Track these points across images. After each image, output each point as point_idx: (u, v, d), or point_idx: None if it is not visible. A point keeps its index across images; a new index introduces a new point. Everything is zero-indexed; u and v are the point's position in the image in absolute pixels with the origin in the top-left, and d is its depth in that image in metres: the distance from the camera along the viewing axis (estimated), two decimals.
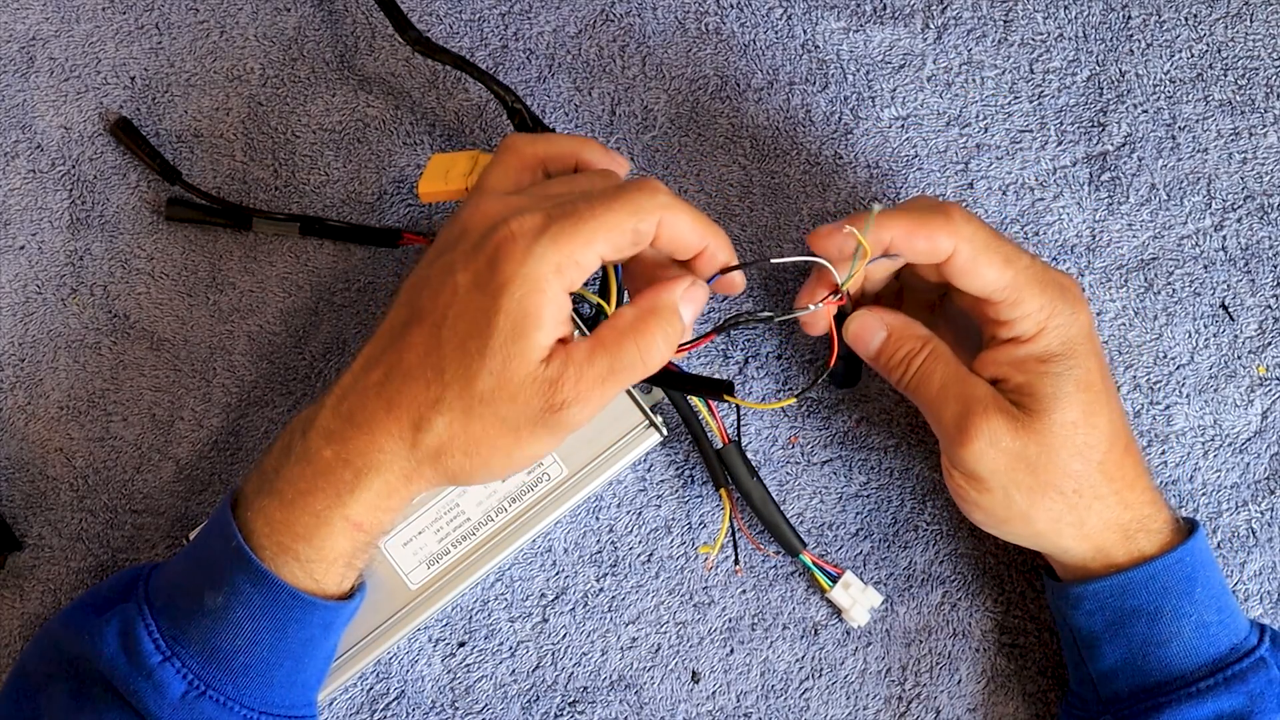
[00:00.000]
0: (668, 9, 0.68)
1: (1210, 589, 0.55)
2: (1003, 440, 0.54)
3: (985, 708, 0.62)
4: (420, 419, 0.49)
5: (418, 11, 0.68)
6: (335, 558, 0.52)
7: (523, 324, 0.47)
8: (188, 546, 0.55)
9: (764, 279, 0.66)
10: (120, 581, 0.56)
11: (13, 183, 0.67)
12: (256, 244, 0.66)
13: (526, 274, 0.47)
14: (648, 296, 0.51)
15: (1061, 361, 0.54)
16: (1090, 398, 0.54)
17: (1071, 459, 0.54)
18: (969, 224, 0.53)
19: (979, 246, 0.53)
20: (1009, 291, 0.53)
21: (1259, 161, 0.67)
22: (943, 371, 0.56)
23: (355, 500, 0.50)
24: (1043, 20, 0.69)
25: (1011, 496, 0.55)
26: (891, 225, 0.53)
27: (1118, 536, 0.56)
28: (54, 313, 0.66)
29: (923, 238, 0.53)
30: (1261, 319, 0.66)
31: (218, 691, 0.51)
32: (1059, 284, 0.54)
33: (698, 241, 0.50)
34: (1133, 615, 0.55)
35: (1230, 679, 0.54)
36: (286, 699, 0.53)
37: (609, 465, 0.61)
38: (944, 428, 0.56)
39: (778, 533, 0.62)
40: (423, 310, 0.49)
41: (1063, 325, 0.54)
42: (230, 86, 0.68)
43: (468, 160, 0.59)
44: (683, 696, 0.63)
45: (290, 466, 0.51)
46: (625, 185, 0.49)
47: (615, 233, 0.48)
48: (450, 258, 0.49)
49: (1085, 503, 0.55)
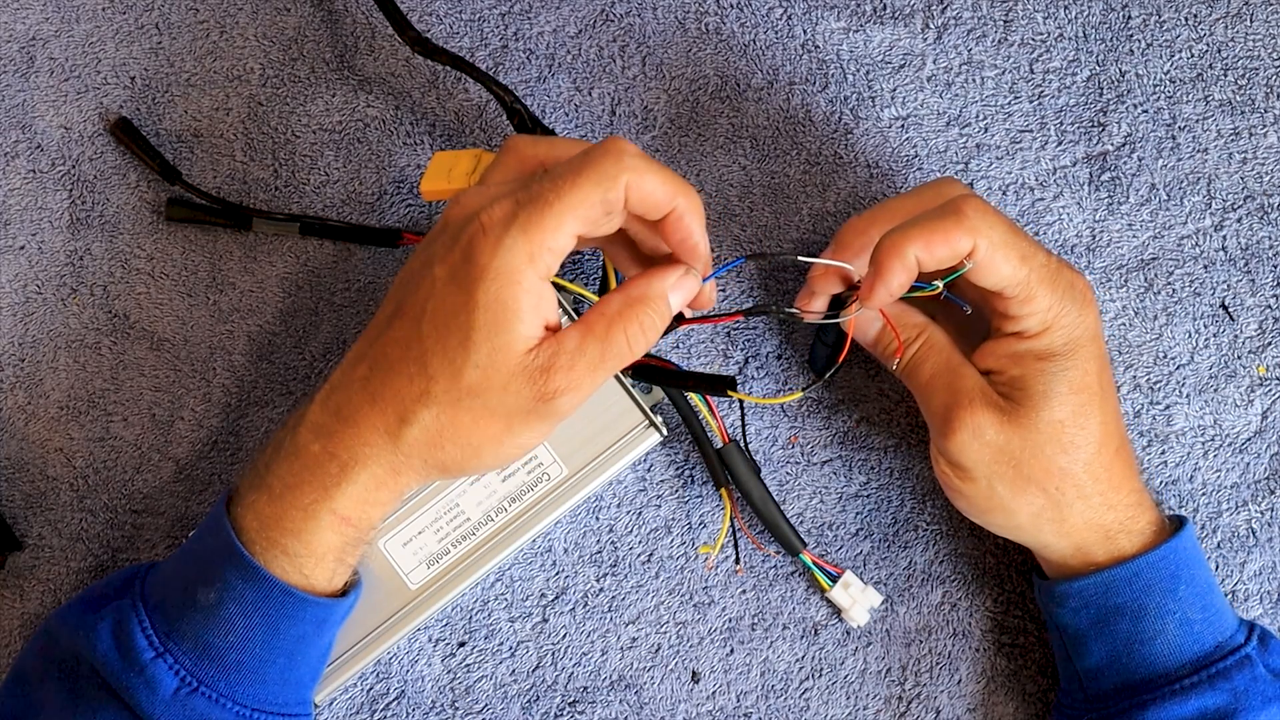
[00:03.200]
0: (668, 9, 0.68)
1: (1195, 587, 0.56)
2: (987, 433, 0.54)
3: (985, 708, 0.62)
4: (405, 412, 0.49)
5: (418, 11, 0.68)
6: (324, 552, 0.52)
7: (502, 316, 0.47)
8: (184, 544, 0.55)
9: (763, 279, 0.66)
10: (117, 579, 0.56)
11: (13, 183, 0.67)
12: (256, 244, 0.66)
13: (499, 266, 0.47)
14: (637, 284, 0.50)
15: (1059, 361, 0.54)
16: (1083, 399, 0.54)
17: (1056, 457, 0.54)
18: (984, 218, 0.52)
19: (996, 242, 0.52)
20: (1021, 288, 0.53)
21: (1259, 161, 0.67)
22: (935, 360, 0.57)
23: (342, 494, 0.50)
24: (1043, 20, 0.69)
25: (994, 488, 0.55)
26: (910, 244, 0.51)
27: (1098, 536, 0.56)
28: (54, 313, 0.66)
29: (941, 244, 0.51)
30: (1261, 319, 0.66)
31: (210, 688, 0.51)
32: (1070, 283, 0.54)
33: (665, 201, 0.49)
34: (1117, 612, 0.55)
35: (1214, 676, 0.54)
36: (280, 696, 0.53)
37: (609, 465, 0.61)
38: (931, 416, 0.57)
39: (778, 532, 0.62)
40: (404, 305, 0.49)
41: (1068, 326, 0.54)
42: (230, 86, 0.68)
43: (471, 159, 0.59)
44: (683, 696, 0.63)
45: (280, 462, 0.51)
46: (588, 153, 0.48)
47: (584, 208, 0.47)
48: (430, 252, 0.49)
49: (1067, 500, 0.55)
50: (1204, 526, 0.64)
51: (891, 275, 0.51)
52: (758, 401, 0.64)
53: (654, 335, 0.50)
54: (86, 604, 0.54)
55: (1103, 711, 0.56)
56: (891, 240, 0.52)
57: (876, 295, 0.52)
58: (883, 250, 0.52)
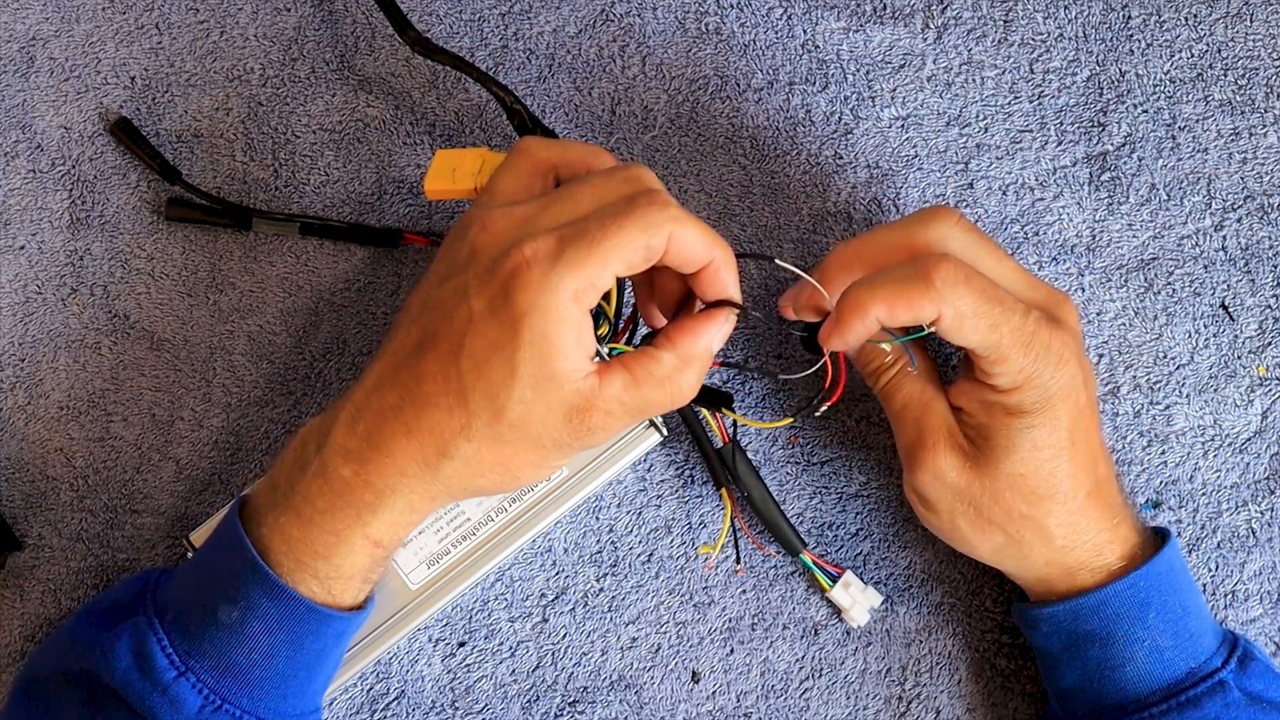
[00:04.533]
0: (668, 9, 0.68)
1: (1167, 613, 0.55)
2: (949, 475, 0.55)
3: (985, 708, 0.62)
4: (444, 446, 0.48)
5: (418, 11, 0.68)
6: (354, 574, 0.52)
7: (548, 353, 0.47)
8: (196, 557, 0.55)
9: (760, 286, 0.66)
10: (126, 592, 0.55)
11: (13, 183, 0.67)
12: (256, 244, 0.66)
13: (546, 305, 0.46)
14: (687, 343, 0.51)
15: (1027, 419, 0.53)
16: (1049, 454, 0.54)
17: (1017, 504, 0.55)
18: (953, 289, 0.51)
19: (965, 312, 0.51)
20: (992, 351, 0.52)
21: (1259, 161, 0.67)
22: (907, 391, 0.57)
23: (377, 519, 0.50)
24: (1043, 20, 0.69)
25: (956, 523, 0.56)
26: (872, 304, 0.52)
27: (1058, 573, 0.56)
28: (54, 313, 0.66)
29: (903, 309, 0.51)
30: (1261, 319, 0.66)
31: (234, 705, 0.51)
32: (1046, 344, 0.53)
33: (704, 255, 0.50)
34: (1086, 639, 0.55)
35: (1184, 704, 0.54)
36: (298, 707, 0.54)
37: (609, 465, 0.61)
38: (900, 446, 0.58)
39: (778, 532, 0.62)
40: (436, 335, 0.48)
41: (1040, 386, 0.53)
42: (230, 86, 0.68)
43: (475, 158, 0.58)
44: (683, 696, 0.63)
45: (306, 483, 0.51)
46: (634, 200, 0.48)
47: (628, 251, 0.47)
48: (462, 280, 0.48)
49: (1027, 542, 0.55)
50: (1204, 526, 0.64)
51: (849, 330, 0.53)
52: (753, 425, 0.64)
53: (698, 388, 0.51)
54: (98, 618, 0.54)
55: None
56: (856, 295, 0.52)
57: (832, 343, 0.54)
58: (846, 304, 0.53)
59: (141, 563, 0.63)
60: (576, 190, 0.50)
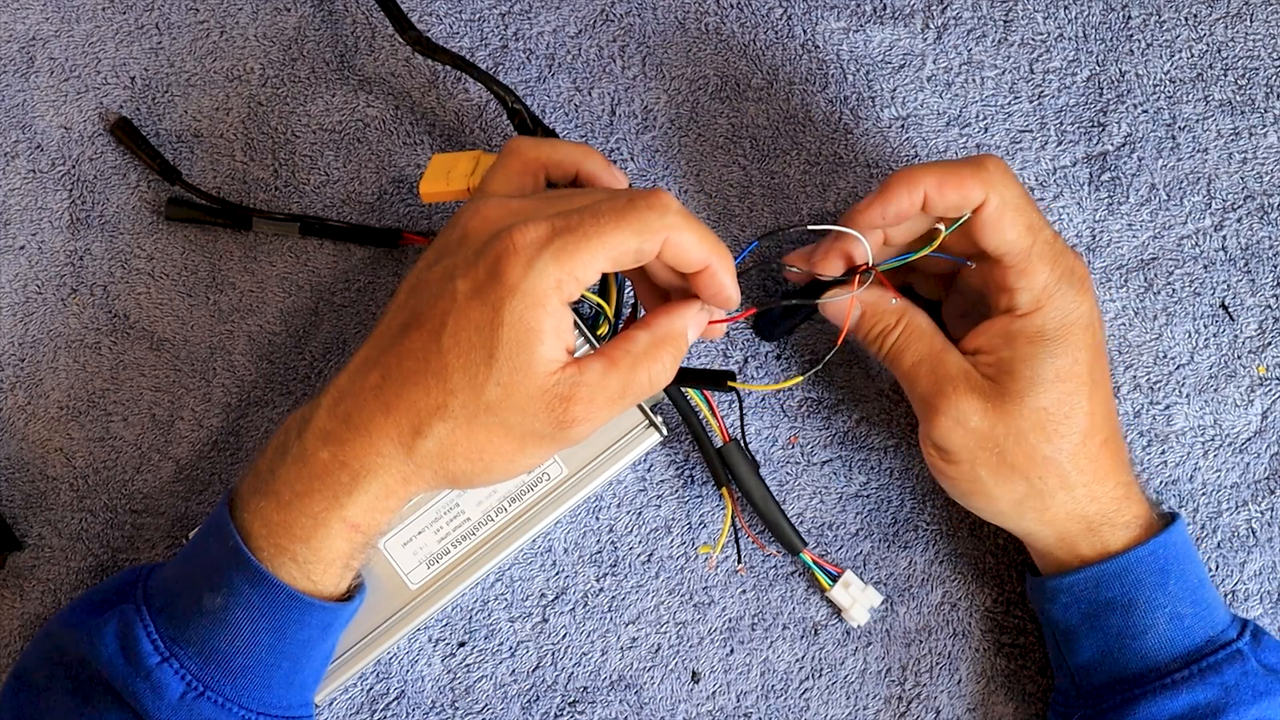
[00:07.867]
0: (668, 9, 0.68)
1: (1185, 582, 0.56)
2: (971, 419, 0.55)
3: (985, 708, 0.62)
4: (420, 424, 0.49)
5: (418, 11, 0.68)
6: (333, 559, 0.52)
7: (525, 338, 0.47)
8: (186, 547, 0.55)
9: (763, 280, 0.66)
10: (119, 582, 0.56)
11: (13, 183, 0.67)
12: (256, 244, 0.66)
13: (527, 288, 0.46)
14: (661, 322, 0.51)
15: (1049, 345, 0.54)
16: (1070, 387, 0.54)
17: (1040, 445, 0.55)
18: (1003, 176, 0.54)
19: (1009, 202, 0.53)
20: (1021, 258, 0.53)
21: (1259, 161, 0.67)
22: (917, 346, 0.57)
23: (353, 502, 0.50)
24: (1043, 20, 0.69)
25: (977, 472, 0.56)
26: (924, 178, 0.53)
27: (1081, 527, 0.56)
28: (54, 313, 0.66)
29: (953, 188, 0.53)
30: (1261, 319, 0.66)
31: (216, 692, 0.51)
32: (1070, 267, 0.54)
33: (701, 260, 0.50)
34: (1107, 607, 0.56)
35: (1205, 670, 0.54)
36: (284, 699, 0.53)
37: (609, 465, 0.61)
38: (916, 401, 0.57)
39: (778, 531, 0.62)
40: (421, 315, 0.49)
41: (1061, 308, 0.54)
42: (230, 86, 0.68)
43: (469, 161, 0.59)
44: (683, 696, 0.63)
45: (286, 468, 0.51)
46: (634, 200, 0.48)
47: (618, 251, 0.47)
48: (450, 263, 0.49)
49: (1050, 489, 0.55)
50: (1204, 526, 0.64)
51: (894, 199, 0.53)
52: (760, 389, 0.64)
53: (674, 371, 0.51)
54: (89, 607, 0.54)
55: (1096, 706, 0.56)
56: (907, 170, 0.53)
57: (871, 214, 0.54)
58: (895, 177, 0.53)
59: (141, 563, 0.63)
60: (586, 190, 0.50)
